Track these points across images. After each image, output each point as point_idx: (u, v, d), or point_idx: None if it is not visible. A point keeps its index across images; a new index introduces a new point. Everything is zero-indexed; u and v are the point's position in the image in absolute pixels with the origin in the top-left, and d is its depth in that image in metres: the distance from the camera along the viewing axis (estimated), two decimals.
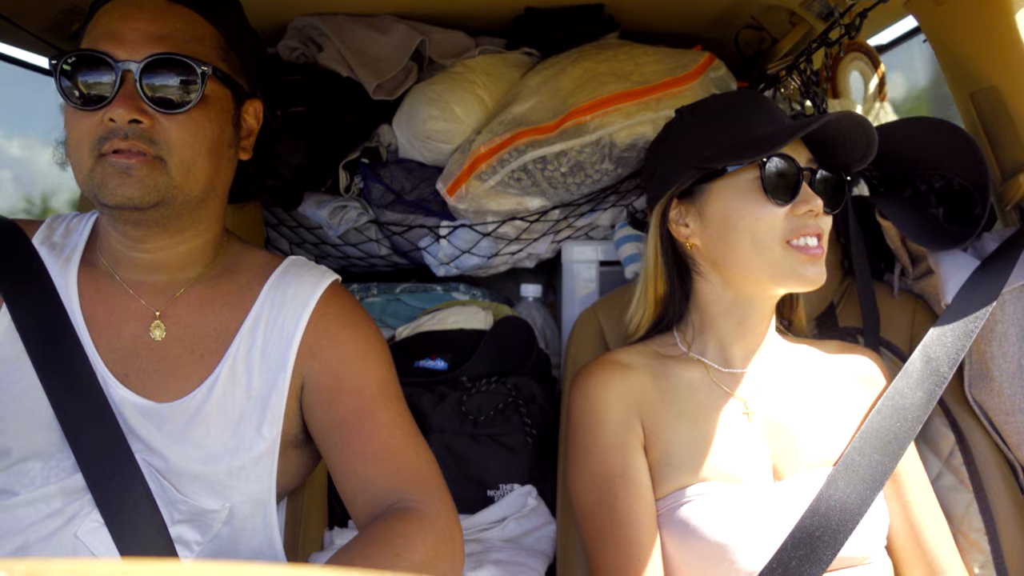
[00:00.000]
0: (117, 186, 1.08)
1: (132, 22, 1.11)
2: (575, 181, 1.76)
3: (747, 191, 1.27)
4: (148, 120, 1.09)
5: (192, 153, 1.13)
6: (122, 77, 1.08)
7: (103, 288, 1.21)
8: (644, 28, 1.98)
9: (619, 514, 1.21)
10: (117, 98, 1.08)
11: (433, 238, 1.90)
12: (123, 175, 1.08)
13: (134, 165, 1.09)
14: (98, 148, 1.09)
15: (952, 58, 1.56)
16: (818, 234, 1.26)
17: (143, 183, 1.09)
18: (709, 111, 1.39)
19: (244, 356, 1.20)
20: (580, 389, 1.31)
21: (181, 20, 1.15)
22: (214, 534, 1.16)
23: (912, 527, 1.27)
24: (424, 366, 1.72)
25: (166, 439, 1.14)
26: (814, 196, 1.25)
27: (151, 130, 1.10)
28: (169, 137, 1.11)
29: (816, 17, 1.69)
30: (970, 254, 1.46)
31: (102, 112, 1.09)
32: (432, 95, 1.82)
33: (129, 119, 1.08)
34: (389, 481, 1.15)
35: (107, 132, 1.09)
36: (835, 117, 1.24)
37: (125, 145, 1.08)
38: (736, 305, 1.33)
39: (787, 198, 1.25)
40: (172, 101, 1.11)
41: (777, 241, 1.25)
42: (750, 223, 1.26)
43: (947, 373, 1.29)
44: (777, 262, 1.25)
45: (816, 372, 1.36)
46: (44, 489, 1.10)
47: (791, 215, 1.25)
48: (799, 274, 1.25)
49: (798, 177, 1.25)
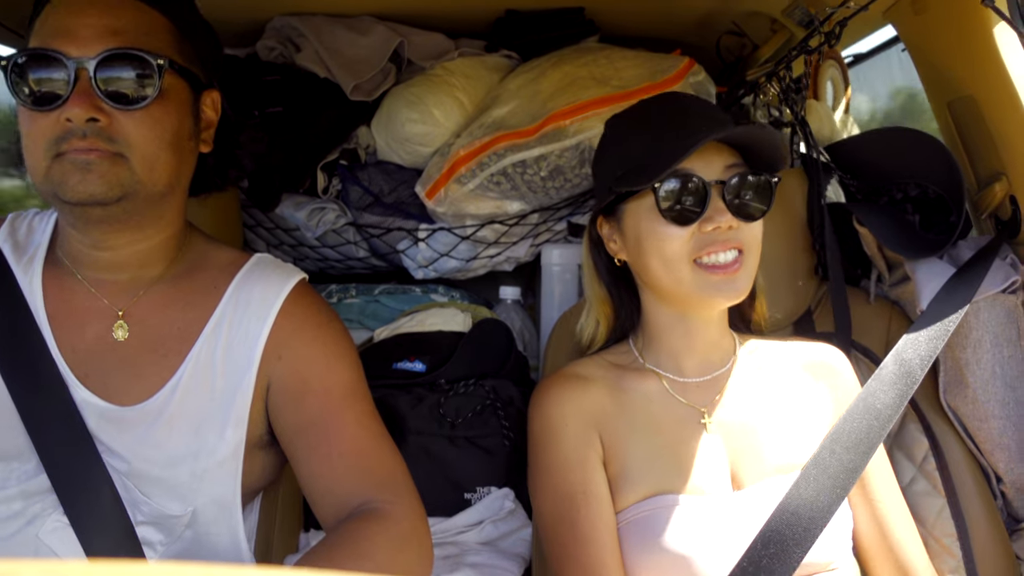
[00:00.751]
0: (78, 183, 1.06)
1: (83, 17, 1.08)
2: (554, 185, 1.76)
3: (650, 213, 1.24)
4: (106, 118, 1.06)
5: (154, 148, 1.10)
6: (76, 75, 1.05)
7: (66, 287, 1.19)
8: (625, 32, 1.98)
9: (581, 531, 1.20)
10: (72, 97, 1.05)
11: (412, 241, 1.89)
12: (83, 171, 1.06)
13: (94, 160, 1.06)
14: (55, 148, 1.06)
15: (930, 67, 1.57)
16: (735, 247, 1.22)
17: (105, 178, 1.06)
18: (631, 121, 1.35)
19: (208, 356, 1.18)
20: (538, 405, 1.30)
21: (133, 13, 1.11)
22: (178, 536, 1.15)
23: (880, 530, 1.27)
24: (402, 368, 1.71)
25: (127, 442, 1.13)
26: (721, 212, 1.21)
27: (109, 128, 1.07)
28: (128, 134, 1.08)
29: (797, 24, 1.70)
30: (946, 262, 1.47)
31: (58, 112, 1.05)
32: (411, 97, 1.81)
33: (87, 118, 1.05)
34: (355, 483, 1.15)
35: (64, 132, 1.06)
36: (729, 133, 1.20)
37: (84, 144, 1.05)
38: (678, 319, 1.32)
39: (688, 220, 1.21)
40: (129, 97, 1.08)
41: (684, 261, 1.22)
42: (655, 244, 1.24)
43: (919, 375, 1.29)
44: (686, 282, 1.23)
45: (775, 373, 1.35)
46: (5, 491, 1.09)
47: (699, 232, 1.22)
48: (707, 294, 1.22)
49: (702, 192, 1.21)
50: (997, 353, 1.40)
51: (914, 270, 1.46)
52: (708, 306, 1.27)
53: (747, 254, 1.24)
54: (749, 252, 1.24)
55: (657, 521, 1.19)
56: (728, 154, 1.24)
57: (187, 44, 1.17)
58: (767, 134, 1.22)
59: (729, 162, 1.24)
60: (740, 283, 1.23)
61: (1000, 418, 1.40)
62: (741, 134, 1.22)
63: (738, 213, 1.22)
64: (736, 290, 1.23)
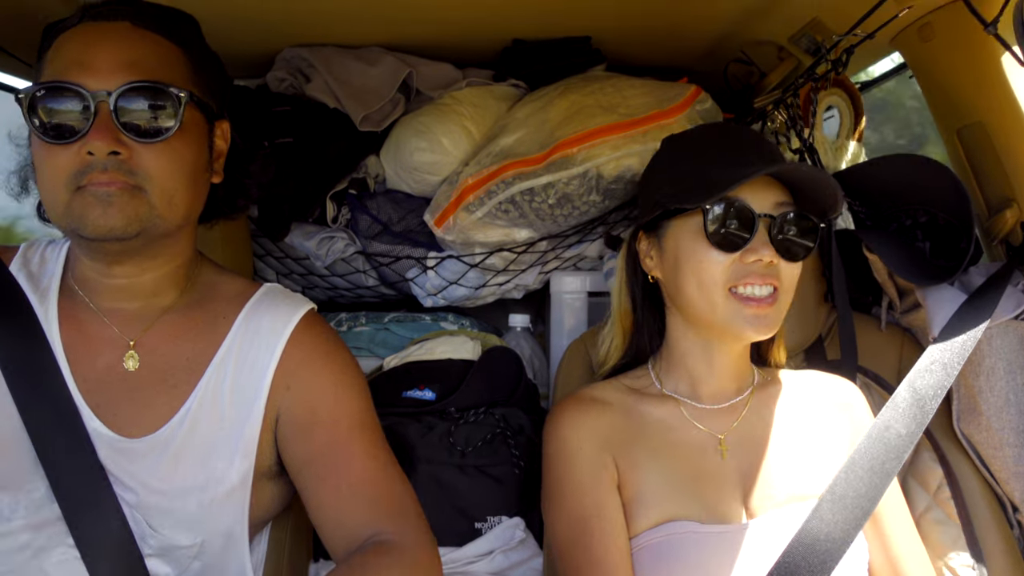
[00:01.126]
0: (99, 216, 1.05)
1: (100, 49, 1.08)
2: (562, 213, 1.76)
3: (695, 234, 1.25)
4: (127, 151, 1.06)
5: (172, 181, 1.10)
6: (96, 108, 1.05)
7: (80, 317, 1.19)
8: (632, 61, 1.99)
9: (594, 554, 1.20)
10: (93, 130, 1.04)
11: (420, 269, 1.89)
12: (104, 204, 1.05)
13: (114, 193, 1.05)
14: (76, 182, 1.05)
15: (938, 94, 1.57)
16: (771, 283, 1.23)
17: (124, 212, 1.06)
18: (687, 143, 1.38)
19: (217, 387, 1.18)
20: (554, 427, 1.30)
21: (151, 44, 1.11)
22: (185, 568, 1.14)
23: (892, 564, 1.26)
24: (412, 396, 1.71)
25: (136, 473, 1.12)
26: (765, 246, 1.22)
27: (130, 161, 1.06)
28: (148, 167, 1.08)
29: (804, 52, 1.70)
30: (957, 288, 1.46)
31: (78, 145, 1.05)
32: (419, 127, 1.82)
33: (108, 151, 1.05)
34: (365, 513, 1.14)
35: (85, 166, 1.05)
36: (786, 167, 1.22)
37: (105, 177, 1.05)
38: (703, 345, 1.32)
39: (732, 247, 1.22)
40: (150, 129, 1.08)
41: (719, 287, 1.23)
42: (694, 266, 1.25)
43: (933, 404, 1.28)
44: (718, 309, 1.23)
45: (792, 404, 1.35)
46: (11, 523, 1.08)
47: (739, 262, 1.23)
48: (738, 325, 1.22)
49: (750, 223, 1.22)
50: (1011, 380, 1.39)
51: (925, 297, 1.45)
52: (736, 337, 1.27)
53: (782, 293, 1.24)
54: (784, 291, 1.25)
55: (671, 547, 1.18)
56: (779, 191, 1.25)
57: (201, 75, 1.17)
58: (825, 179, 1.22)
59: (780, 199, 1.25)
60: (771, 319, 1.23)
61: (1015, 446, 1.38)
62: (804, 173, 1.23)
63: (780, 250, 1.23)
64: (767, 326, 1.23)
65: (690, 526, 1.20)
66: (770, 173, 1.22)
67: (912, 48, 1.57)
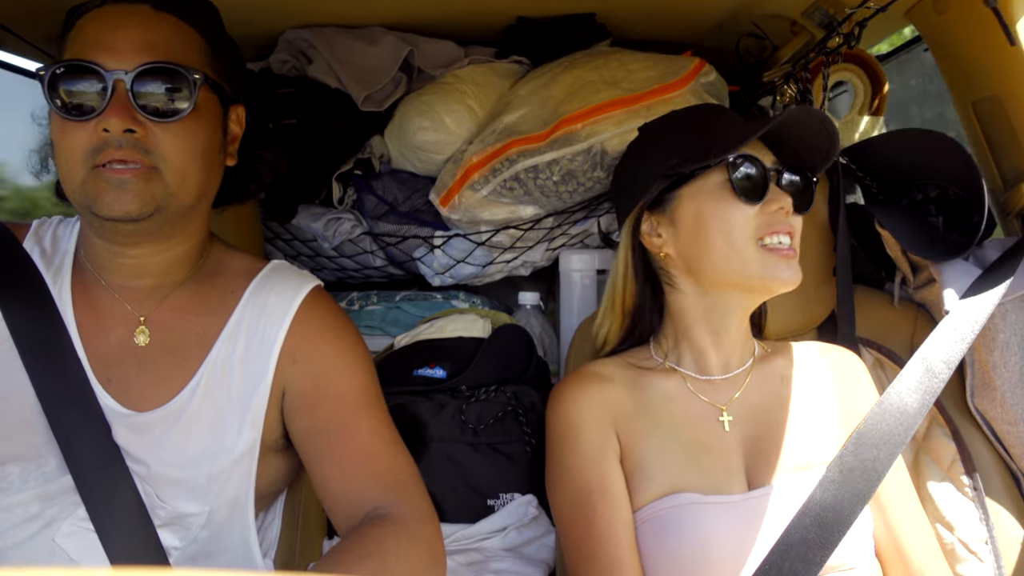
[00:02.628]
0: (114, 200, 1.08)
1: (121, 31, 1.10)
2: (567, 189, 1.75)
3: (717, 193, 1.26)
4: (141, 130, 1.08)
5: (186, 161, 1.12)
6: (114, 87, 1.07)
7: (92, 294, 1.21)
8: (641, 37, 1.96)
9: (598, 529, 1.21)
10: (110, 108, 1.07)
11: (427, 248, 1.89)
12: (119, 189, 1.08)
13: (129, 180, 1.08)
14: (92, 159, 1.08)
15: (953, 67, 1.54)
16: (790, 232, 1.26)
17: (139, 196, 1.09)
18: (671, 124, 1.40)
19: (225, 360, 1.20)
20: (556, 403, 1.31)
21: (169, 28, 1.14)
22: (193, 538, 1.16)
23: (893, 535, 1.26)
24: (423, 375, 1.70)
25: (146, 445, 1.14)
26: (783, 194, 1.26)
27: (144, 139, 1.09)
28: (163, 146, 1.10)
29: (817, 26, 1.68)
30: (972, 263, 1.45)
31: (94, 122, 1.08)
32: (422, 106, 1.81)
33: (123, 129, 1.07)
34: (367, 487, 1.16)
35: (101, 143, 1.07)
36: (794, 113, 1.24)
37: (120, 155, 1.07)
38: (710, 313, 1.32)
39: (757, 197, 1.25)
40: (165, 110, 1.10)
41: (750, 241, 1.25)
42: (722, 224, 1.26)
43: (944, 376, 1.27)
44: (751, 263, 1.25)
45: (793, 374, 1.35)
46: (21, 494, 1.10)
47: (762, 213, 1.25)
48: (773, 275, 1.24)
49: (765, 177, 1.26)
50: None
51: (939, 272, 1.44)
52: (769, 289, 1.28)
53: (794, 245, 1.27)
54: (795, 244, 1.28)
55: (674, 519, 1.19)
56: (770, 152, 1.30)
57: (217, 59, 1.20)
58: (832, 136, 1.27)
59: (774, 158, 1.30)
60: (797, 269, 1.26)
61: None
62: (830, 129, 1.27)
63: (795, 203, 1.27)
64: (795, 274, 1.25)
65: (693, 497, 1.20)
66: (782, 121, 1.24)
67: (926, 21, 1.55)
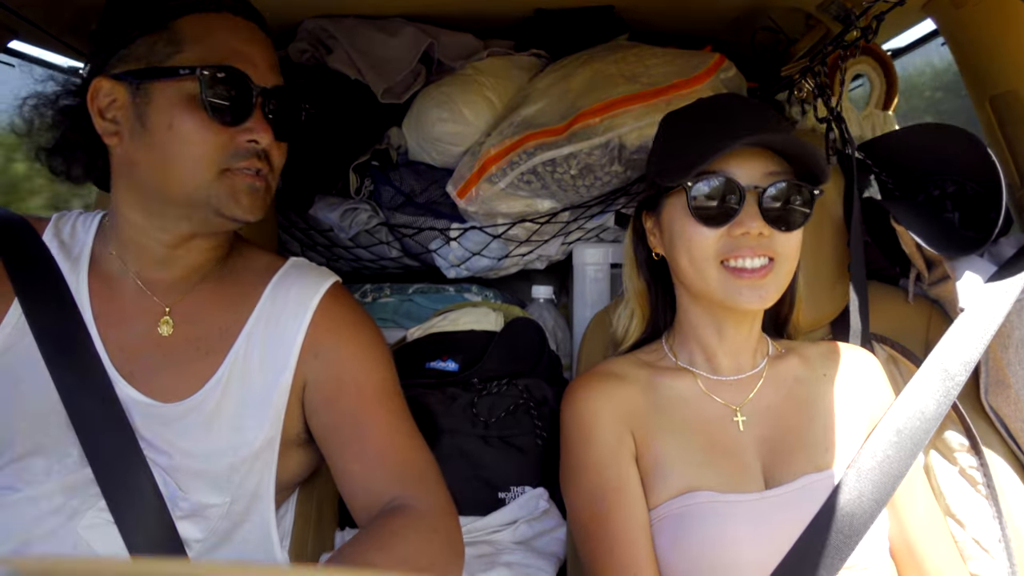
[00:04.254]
0: (249, 204, 1.15)
1: (255, 47, 1.17)
2: (584, 183, 1.75)
3: (683, 210, 1.24)
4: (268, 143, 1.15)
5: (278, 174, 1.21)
6: (255, 101, 1.13)
7: (113, 286, 1.23)
8: (658, 30, 1.96)
9: (614, 528, 1.21)
10: (255, 120, 1.14)
11: (443, 240, 1.90)
12: (253, 195, 1.15)
13: (260, 188, 1.16)
14: (227, 163, 1.12)
15: (971, 62, 1.54)
16: (763, 254, 1.21)
17: (264, 202, 1.18)
18: (681, 119, 1.36)
19: (247, 354, 1.21)
20: (571, 403, 1.31)
21: (274, 52, 1.21)
22: (212, 530, 1.17)
23: (907, 537, 1.26)
24: (435, 367, 1.71)
25: (169, 437, 1.16)
26: (754, 218, 1.20)
27: (269, 151, 1.16)
28: (276, 161, 1.19)
29: (833, 19, 1.67)
30: (987, 259, 1.44)
31: (237, 131, 1.13)
32: (441, 97, 1.82)
33: (269, 141, 1.14)
34: (386, 480, 1.18)
35: (244, 151, 1.13)
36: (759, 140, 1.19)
37: (259, 165, 1.15)
38: (709, 315, 1.32)
39: (718, 221, 1.21)
40: (287, 128, 1.18)
41: (711, 261, 1.23)
42: (685, 242, 1.25)
43: (961, 377, 1.27)
44: (710, 282, 1.23)
45: (808, 374, 1.34)
46: (46, 486, 1.11)
47: (728, 236, 1.22)
48: (731, 297, 1.22)
49: (737, 196, 1.20)
50: None
51: (954, 268, 1.43)
52: (733, 309, 1.26)
53: (779, 263, 1.23)
54: (781, 261, 1.23)
55: (690, 517, 1.19)
56: (771, 161, 1.23)
57: None
58: (803, 146, 1.20)
59: (771, 169, 1.22)
60: (767, 290, 1.22)
61: None
62: (775, 142, 1.21)
63: (773, 221, 1.21)
64: (761, 297, 1.22)
65: (709, 496, 1.20)
66: (746, 144, 1.19)
67: (944, 14, 1.54)
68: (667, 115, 1.41)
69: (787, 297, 1.40)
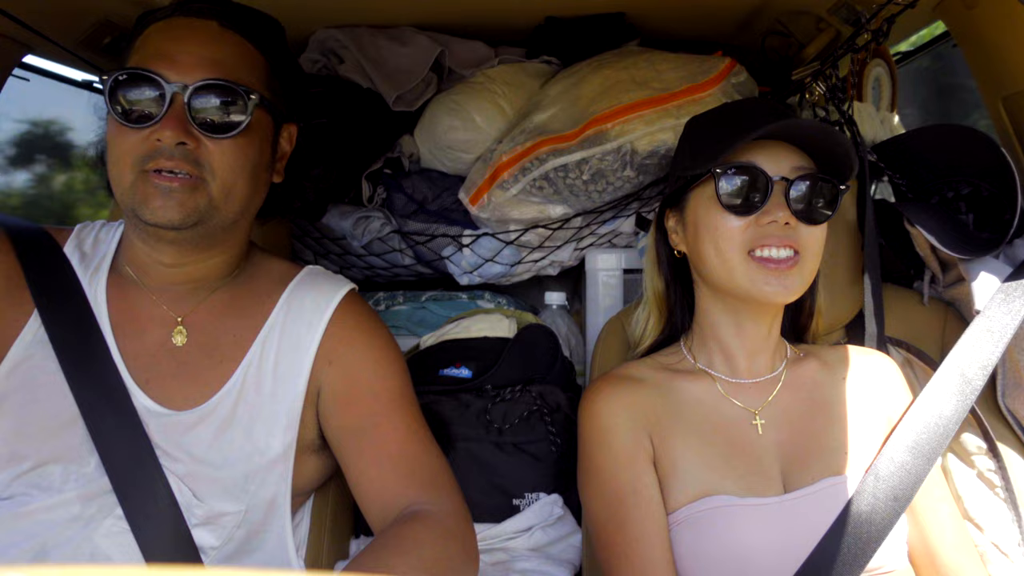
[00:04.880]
0: (158, 207, 1.11)
1: (185, 44, 1.14)
2: (597, 189, 1.75)
3: (710, 200, 1.25)
4: (194, 143, 1.12)
5: (233, 176, 1.15)
6: (172, 98, 1.11)
7: (129, 296, 1.23)
8: (667, 35, 1.97)
9: (631, 531, 1.20)
10: (165, 119, 1.10)
11: (456, 247, 1.90)
12: (165, 196, 1.11)
13: (175, 188, 1.11)
14: (141, 165, 1.11)
15: (983, 62, 1.53)
16: (789, 245, 1.22)
17: (184, 205, 1.11)
18: (707, 118, 1.38)
19: (262, 362, 1.22)
20: (589, 406, 1.30)
21: (232, 46, 1.17)
22: (228, 537, 1.17)
23: (926, 541, 1.25)
24: (449, 374, 1.72)
25: (184, 445, 1.16)
26: (780, 207, 1.21)
27: (196, 152, 1.12)
28: (213, 160, 1.13)
29: (843, 22, 1.67)
30: (1002, 261, 1.43)
31: (149, 130, 1.11)
32: (453, 105, 1.83)
33: (177, 141, 1.10)
34: (402, 486, 1.18)
35: (153, 151, 1.11)
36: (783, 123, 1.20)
37: (170, 164, 1.10)
38: (730, 313, 1.32)
39: (746, 209, 1.22)
40: (219, 125, 1.13)
41: (737, 252, 1.23)
42: (711, 233, 1.25)
43: (979, 382, 1.26)
44: (736, 273, 1.23)
45: (827, 378, 1.34)
46: (63, 494, 1.12)
47: (755, 225, 1.22)
48: (758, 288, 1.22)
49: (764, 186, 1.22)
50: None
51: (968, 270, 1.43)
52: (758, 300, 1.25)
53: (804, 256, 1.23)
54: (806, 255, 1.23)
55: (708, 521, 1.19)
56: (799, 156, 1.25)
57: (276, 79, 1.23)
58: (831, 135, 1.21)
59: (798, 163, 1.24)
60: (792, 282, 1.22)
61: None
62: (803, 127, 1.22)
63: (798, 214, 1.22)
64: (787, 288, 1.22)
65: (728, 499, 1.20)
66: (768, 133, 1.21)
67: (955, 16, 1.54)
68: (692, 117, 1.42)
69: (807, 304, 1.41)
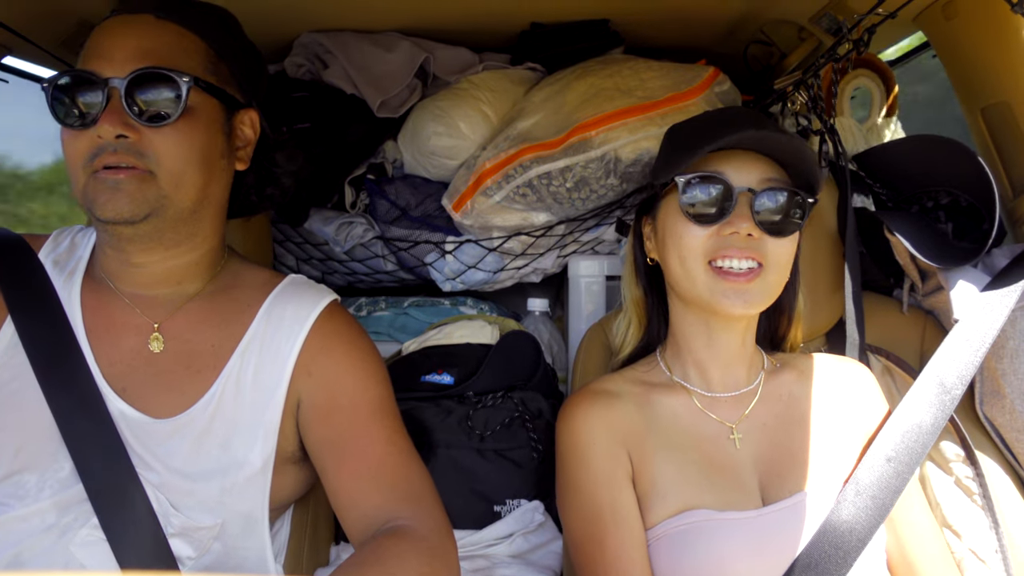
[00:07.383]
0: (107, 201, 1.10)
1: (119, 39, 1.13)
2: (580, 196, 1.75)
3: (676, 209, 1.25)
4: (135, 134, 1.11)
5: (181, 164, 1.14)
6: (108, 94, 1.10)
7: (104, 302, 1.22)
8: (650, 43, 1.98)
9: (610, 550, 1.19)
10: (104, 115, 1.09)
11: (439, 253, 1.90)
12: (112, 191, 1.10)
13: (123, 180, 1.10)
14: (90, 165, 1.10)
15: (962, 73, 1.55)
16: (751, 257, 1.21)
17: (132, 197, 1.10)
18: (684, 128, 1.38)
19: (241, 373, 1.20)
20: (566, 422, 1.29)
21: (168, 35, 1.16)
22: (205, 549, 1.16)
23: (904, 551, 1.25)
24: (430, 381, 1.71)
25: (160, 454, 1.14)
26: (744, 218, 1.20)
27: (139, 143, 1.11)
28: (157, 149, 1.12)
29: (825, 32, 1.68)
30: (981, 270, 1.44)
31: (92, 129, 1.10)
32: (437, 111, 1.82)
33: (116, 134, 1.09)
34: (382, 498, 1.16)
35: (97, 148, 1.10)
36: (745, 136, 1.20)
37: (114, 159, 1.10)
38: (700, 324, 1.31)
39: (708, 220, 1.22)
40: (157, 114, 1.12)
41: (698, 261, 1.23)
42: (675, 240, 1.25)
43: (958, 391, 1.27)
44: (698, 283, 1.23)
45: (804, 389, 1.33)
46: (38, 503, 1.10)
47: (717, 235, 1.22)
48: (716, 299, 1.21)
49: (727, 196, 1.21)
50: None
51: (947, 279, 1.44)
52: (716, 312, 1.25)
53: (768, 269, 1.22)
54: (771, 267, 1.22)
55: (688, 537, 1.18)
56: (770, 168, 1.24)
57: (222, 65, 1.21)
58: (798, 148, 1.21)
59: (768, 175, 1.23)
60: (753, 295, 1.21)
61: None
62: (765, 139, 1.21)
63: (763, 226, 1.21)
64: (746, 301, 1.21)
65: (707, 514, 1.19)
66: (730, 144, 1.21)
67: (935, 26, 1.55)
68: (672, 125, 1.42)
69: (786, 313, 1.40)
